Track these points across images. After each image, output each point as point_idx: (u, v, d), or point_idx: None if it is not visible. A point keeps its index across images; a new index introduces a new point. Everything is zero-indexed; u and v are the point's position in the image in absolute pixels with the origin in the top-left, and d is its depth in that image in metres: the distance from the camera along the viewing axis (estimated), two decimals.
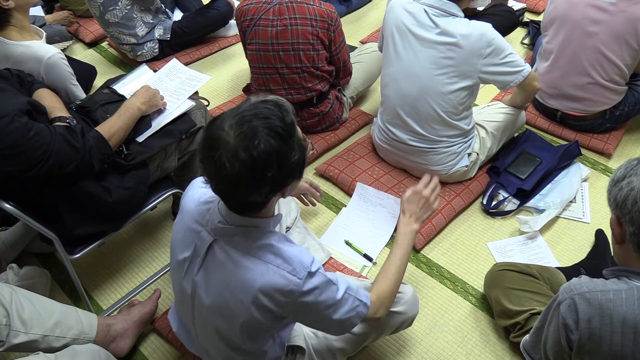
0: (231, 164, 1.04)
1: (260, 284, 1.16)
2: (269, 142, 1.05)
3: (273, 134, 1.06)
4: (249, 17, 2.24)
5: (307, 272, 1.17)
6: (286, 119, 1.09)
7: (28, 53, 1.82)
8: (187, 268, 1.28)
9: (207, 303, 1.25)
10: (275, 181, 1.09)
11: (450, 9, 1.91)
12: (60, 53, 1.87)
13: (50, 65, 1.84)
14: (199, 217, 1.26)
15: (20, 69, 1.78)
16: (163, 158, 1.86)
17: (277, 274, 1.16)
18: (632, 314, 1.09)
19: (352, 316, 1.27)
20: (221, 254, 1.21)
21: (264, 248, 1.18)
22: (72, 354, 1.48)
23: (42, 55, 1.83)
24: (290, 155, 1.09)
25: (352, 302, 1.26)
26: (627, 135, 2.54)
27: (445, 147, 2.10)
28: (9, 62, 1.82)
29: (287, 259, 1.17)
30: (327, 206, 2.26)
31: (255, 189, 1.09)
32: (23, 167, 1.45)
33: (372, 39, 3.23)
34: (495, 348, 1.76)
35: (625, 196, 1.11)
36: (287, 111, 1.11)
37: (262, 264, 1.17)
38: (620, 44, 2.20)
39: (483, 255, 2.05)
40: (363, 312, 1.29)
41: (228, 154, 1.04)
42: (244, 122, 1.06)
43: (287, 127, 1.09)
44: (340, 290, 1.23)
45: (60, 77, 1.88)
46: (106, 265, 2.05)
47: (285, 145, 1.08)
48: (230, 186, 1.08)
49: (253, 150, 1.04)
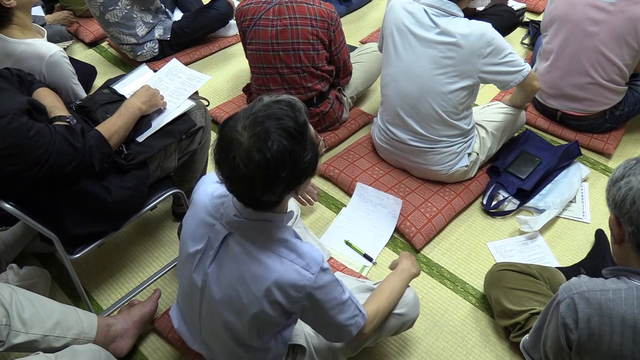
0: (245, 165, 1.06)
1: (274, 278, 1.18)
2: (282, 143, 1.06)
3: (286, 135, 1.07)
4: (248, 17, 2.25)
5: (319, 268, 1.19)
6: (299, 119, 1.10)
7: (30, 51, 1.83)
8: (199, 260, 1.29)
9: (217, 296, 1.26)
10: (289, 181, 1.11)
11: (450, 9, 1.91)
12: (62, 51, 1.88)
13: (52, 63, 1.84)
14: (213, 211, 1.28)
15: (22, 67, 1.78)
16: (163, 158, 1.86)
17: (291, 268, 1.18)
18: (631, 313, 1.09)
19: (352, 324, 1.30)
20: (236, 247, 1.22)
21: (279, 242, 1.20)
22: (72, 354, 1.48)
23: (44, 53, 1.83)
24: (303, 155, 1.11)
25: (354, 309, 1.30)
26: (627, 135, 2.54)
27: (445, 147, 2.10)
28: (10, 60, 1.83)
29: (301, 254, 1.20)
30: (327, 206, 2.26)
31: (269, 188, 1.11)
32: (23, 167, 1.45)
33: (372, 39, 3.23)
34: (495, 348, 1.76)
35: (623, 196, 1.11)
36: (300, 111, 1.12)
37: (276, 258, 1.19)
38: (620, 44, 2.20)
39: (483, 255, 2.05)
40: (361, 324, 1.32)
41: (242, 154, 1.06)
42: (257, 123, 1.07)
43: (300, 127, 1.10)
44: (346, 292, 1.27)
45: (62, 75, 1.89)
46: (106, 265, 2.05)
47: (298, 146, 1.09)
48: (244, 186, 1.11)
49: (266, 151, 1.05)
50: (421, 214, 2.10)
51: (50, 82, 1.85)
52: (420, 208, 2.12)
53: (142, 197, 1.77)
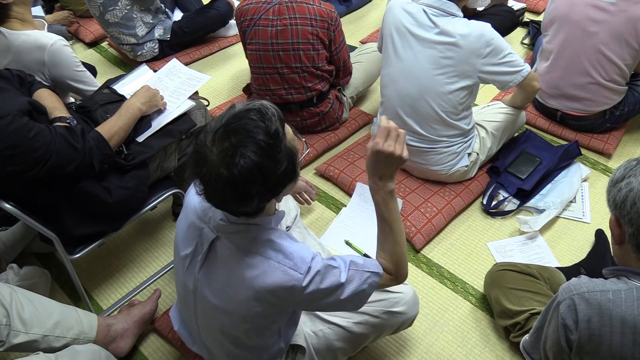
0: (215, 181, 1.04)
1: (262, 280, 1.16)
2: (250, 159, 1.02)
3: (255, 149, 1.03)
4: (248, 17, 2.25)
5: (308, 267, 1.17)
6: (270, 128, 1.05)
7: (30, 42, 1.81)
8: (189, 264, 1.29)
9: (210, 300, 1.26)
10: (262, 194, 1.09)
11: (450, 9, 1.91)
12: (63, 40, 1.86)
13: (54, 51, 1.83)
14: (202, 214, 1.27)
15: (23, 59, 1.78)
16: (163, 158, 1.86)
17: (278, 269, 1.16)
18: (631, 314, 1.09)
19: (365, 288, 1.23)
20: (223, 251, 1.21)
21: (265, 244, 1.19)
22: (72, 354, 1.48)
23: (44, 42, 1.82)
24: (276, 168, 1.07)
25: (359, 277, 1.23)
26: (627, 135, 2.54)
27: (445, 147, 2.10)
28: (10, 54, 1.81)
29: (288, 254, 1.18)
30: (327, 206, 2.26)
31: (242, 203, 1.09)
32: (23, 168, 1.45)
33: (372, 39, 3.23)
34: (495, 348, 1.76)
35: (624, 197, 1.11)
36: (271, 119, 1.06)
37: (263, 260, 1.17)
38: (621, 44, 2.20)
39: (483, 255, 2.05)
40: (376, 281, 1.25)
41: (212, 171, 1.04)
42: (225, 137, 1.04)
43: (271, 138, 1.05)
44: (344, 272, 1.21)
45: (65, 64, 1.87)
46: (106, 265, 2.05)
47: (269, 160, 1.05)
48: (218, 200, 1.10)
49: (234, 168, 1.02)
50: (421, 214, 2.10)
51: (54, 73, 1.84)
52: (420, 208, 2.12)
53: (142, 197, 1.77)
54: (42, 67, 1.83)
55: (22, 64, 1.81)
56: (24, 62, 1.81)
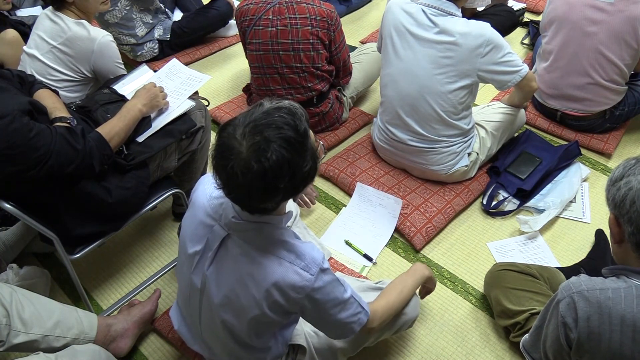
0: (243, 174, 1.05)
1: (274, 279, 1.17)
2: (282, 154, 1.05)
3: (286, 145, 1.06)
4: (248, 17, 2.25)
5: (319, 268, 1.19)
6: (299, 127, 1.09)
7: (83, 32, 2.01)
8: (198, 262, 1.29)
9: (217, 297, 1.26)
10: (287, 190, 1.11)
11: (449, 9, 1.91)
12: (110, 36, 2.06)
13: (103, 43, 2.03)
14: (212, 212, 1.27)
15: (73, 46, 2.00)
16: (163, 158, 1.86)
17: (290, 269, 1.17)
18: (630, 312, 1.09)
19: (354, 322, 1.29)
20: (235, 249, 1.22)
21: (278, 244, 1.20)
22: (72, 354, 1.48)
23: (96, 35, 2.02)
24: (303, 166, 1.09)
25: (355, 307, 1.28)
26: (627, 135, 2.54)
27: (445, 147, 2.10)
28: (62, 38, 2.00)
29: (300, 254, 1.19)
30: (327, 206, 2.26)
31: (268, 198, 1.10)
32: (23, 168, 1.45)
33: (372, 39, 3.23)
34: (495, 348, 1.76)
35: (623, 196, 1.11)
36: (300, 118, 1.10)
37: (275, 260, 1.18)
38: (620, 44, 2.20)
39: (483, 255, 2.05)
40: (363, 321, 1.31)
41: (240, 164, 1.05)
42: (257, 131, 1.06)
43: (300, 136, 1.08)
44: (347, 291, 1.26)
45: (110, 56, 2.08)
46: (106, 265, 2.05)
47: (298, 156, 1.08)
48: (242, 195, 1.10)
49: (265, 162, 1.04)
50: (421, 214, 2.10)
51: (98, 62, 2.05)
52: (420, 208, 2.13)
53: (142, 197, 1.77)
54: (90, 56, 2.03)
55: (71, 49, 2.02)
56: (74, 48, 2.02)
